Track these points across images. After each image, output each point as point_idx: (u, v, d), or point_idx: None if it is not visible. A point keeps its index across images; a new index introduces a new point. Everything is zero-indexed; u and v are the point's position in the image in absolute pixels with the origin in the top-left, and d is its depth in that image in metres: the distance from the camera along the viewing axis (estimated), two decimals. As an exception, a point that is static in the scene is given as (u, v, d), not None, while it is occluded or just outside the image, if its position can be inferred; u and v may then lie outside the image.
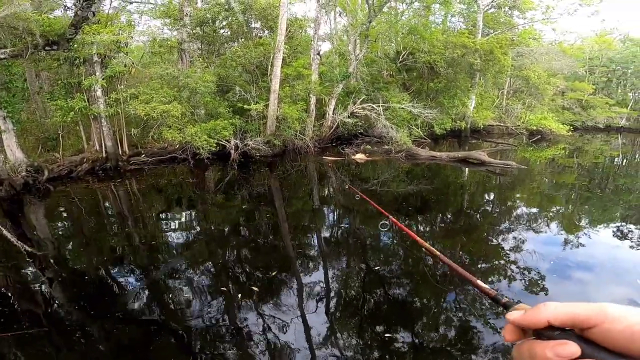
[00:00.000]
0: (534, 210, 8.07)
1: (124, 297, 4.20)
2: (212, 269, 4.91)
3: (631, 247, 5.82)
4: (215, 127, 10.46)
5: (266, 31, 13.24)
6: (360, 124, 13.81)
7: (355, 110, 13.14)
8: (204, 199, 8.43)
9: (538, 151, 16.93)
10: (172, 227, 6.63)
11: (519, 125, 19.89)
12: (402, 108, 13.03)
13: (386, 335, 3.48)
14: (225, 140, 10.79)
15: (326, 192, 9.22)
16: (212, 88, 10.88)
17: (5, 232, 4.63)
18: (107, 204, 8.07)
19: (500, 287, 4.32)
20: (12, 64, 9.05)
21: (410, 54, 15.29)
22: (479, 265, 4.93)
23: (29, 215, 7.40)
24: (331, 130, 13.88)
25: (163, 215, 7.33)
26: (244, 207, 7.76)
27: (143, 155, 10.95)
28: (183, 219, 7.02)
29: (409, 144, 12.01)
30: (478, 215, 7.53)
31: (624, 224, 7.12)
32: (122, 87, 10.89)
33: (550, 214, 7.87)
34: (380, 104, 13.00)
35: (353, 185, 8.95)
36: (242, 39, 12.85)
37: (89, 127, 10.84)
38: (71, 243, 6.05)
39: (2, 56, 7.65)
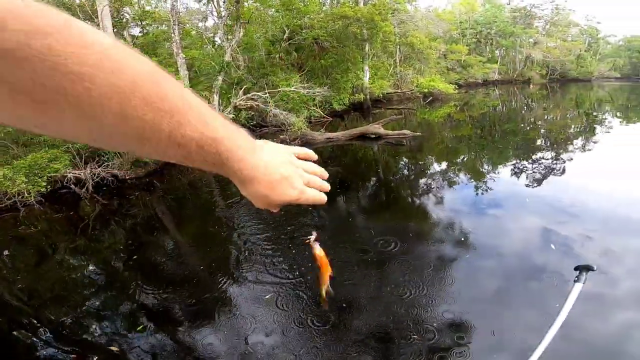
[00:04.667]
0: (444, 165, 8.71)
1: None
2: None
3: (525, 179, 6.97)
4: (36, 162, 7.57)
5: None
6: (253, 115, 12.05)
7: (239, 103, 11.30)
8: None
9: (434, 111, 17.69)
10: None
11: (413, 90, 20.45)
12: (292, 91, 11.64)
13: None
14: (60, 176, 7.96)
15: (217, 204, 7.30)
16: None
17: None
18: None
19: (433, 238, 4.77)
20: None
21: (293, 32, 13.93)
22: (409, 232, 5.02)
23: None
24: None
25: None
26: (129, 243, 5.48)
27: None
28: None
29: (304, 129, 10.68)
30: (393, 185, 7.58)
31: (516, 161, 8.45)
32: None
33: (457, 165, 8.58)
34: (267, 91, 11.38)
35: (227, 204, 7.23)
36: None
37: None
38: None
39: None
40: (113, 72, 0.27)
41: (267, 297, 3.82)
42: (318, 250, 0.59)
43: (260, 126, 12.31)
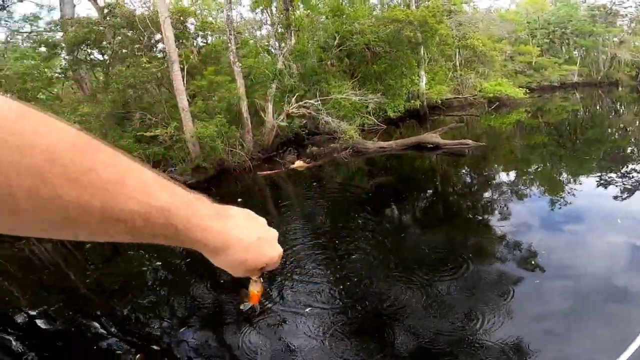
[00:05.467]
0: (512, 177, 7.81)
1: None
2: None
3: (612, 193, 5.89)
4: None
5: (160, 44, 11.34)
6: (305, 123, 12.16)
7: (291, 111, 11.44)
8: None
9: (501, 118, 16.17)
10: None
11: (476, 95, 18.98)
12: (344, 98, 11.46)
13: None
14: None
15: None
16: (91, 122, 8.88)
17: None
18: None
19: (500, 258, 4.21)
20: None
21: (344, 37, 13.85)
22: (470, 245, 4.67)
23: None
24: (273, 137, 12.14)
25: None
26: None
27: None
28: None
29: (355, 137, 10.36)
30: (455, 198, 7.04)
31: (603, 173, 7.13)
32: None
33: (529, 177, 7.72)
34: (319, 98, 11.36)
35: (280, 211, 7.18)
36: (135, 56, 10.83)
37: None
38: None
39: None
40: (18, 147, 0.22)
41: (307, 310, 3.68)
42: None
43: (312, 134, 12.33)
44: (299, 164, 9.87)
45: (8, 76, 8.68)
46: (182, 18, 11.54)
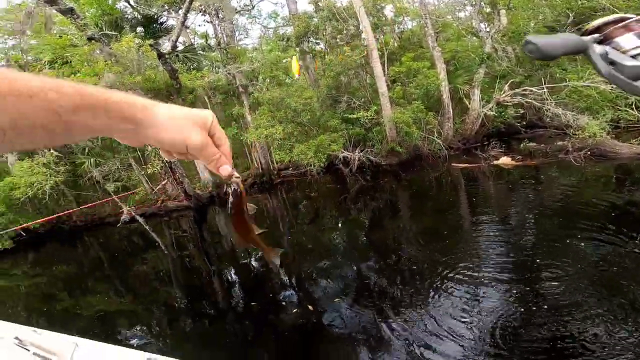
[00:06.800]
0: None
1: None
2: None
3: None
4: (322, 143, 9.84)
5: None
6: (524, 114, 10.13)
7: (502, 99, 9.68)
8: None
9: None
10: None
11: None
12: (587, 86, 8.57)
13: None
14: (335, 155, 10.07)
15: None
16: (312, 104, 10.41)
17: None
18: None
19: None
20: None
21: (582, 15, 10.20)
22: None
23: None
24: (477, 127, 10.84)
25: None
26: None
27: (290, 169, 11.67)
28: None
29: (599, 136, 7.53)
30: None
31: None
32: (256, 113, 11.93)
33: None
34: (545, 85, 9.03)
35: (473, 211, 6.19)
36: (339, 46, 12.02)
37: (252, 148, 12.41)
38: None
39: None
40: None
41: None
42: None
43: (532, 127, 10.13)
44: (505, 160, 8.26)
45: (263, 64, 11.75)
46: (377, 6, 11.86)
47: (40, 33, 11.38)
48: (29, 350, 2.75)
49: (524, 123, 9.93)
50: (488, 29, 11.30)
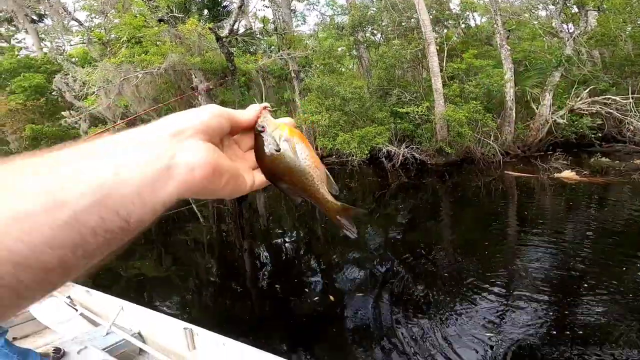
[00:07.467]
0: None
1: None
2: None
3: None
4: (367, 134, 9.66)
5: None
6: (600, 125, 9.09)
7: (578, 107, 8.64)
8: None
9: None
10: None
11: None
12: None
13: None
14: (379, 148, 9.84)
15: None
16: (362, 94, 10.16)
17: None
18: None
19: None
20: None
21: None
22: None
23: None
24: (542, 134, 9.91)
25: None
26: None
27: (333, 157, 11.40)
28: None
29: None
30: None
31: None
32: (305, 99, 12.08)
33: None
34: (632, 95, 7.90)
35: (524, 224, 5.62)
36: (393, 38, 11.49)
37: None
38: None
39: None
40: None
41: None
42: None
43: (609, 140, 9.03)
44: (568, 174, 7.39)
45: (316, 51, 11.76)
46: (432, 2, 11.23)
47: (121, 13, 12.57)
48: (77, 311, 3.08)
49: (600, 135, 8.84)
50: (571, 30, 10.14)
